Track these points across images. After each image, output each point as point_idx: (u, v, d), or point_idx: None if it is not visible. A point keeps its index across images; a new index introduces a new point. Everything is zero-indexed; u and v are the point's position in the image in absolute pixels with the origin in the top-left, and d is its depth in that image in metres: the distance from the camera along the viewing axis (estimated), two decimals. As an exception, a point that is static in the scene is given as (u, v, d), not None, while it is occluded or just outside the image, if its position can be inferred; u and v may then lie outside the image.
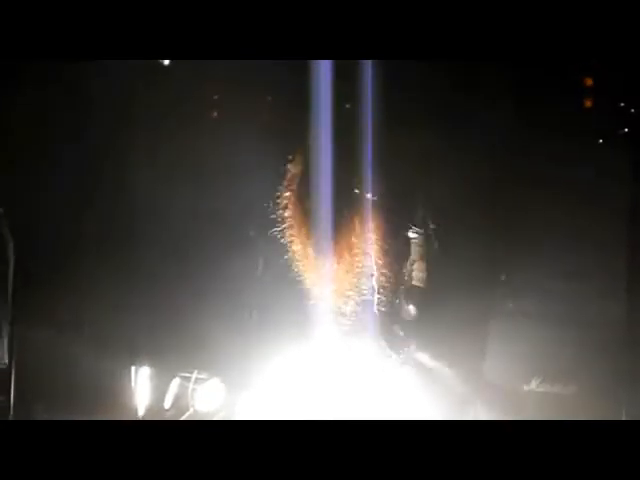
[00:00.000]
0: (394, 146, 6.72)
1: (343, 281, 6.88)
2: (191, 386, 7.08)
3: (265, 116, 6.88)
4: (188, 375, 7.09)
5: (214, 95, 7.01)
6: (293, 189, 6.87)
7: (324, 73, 6.58)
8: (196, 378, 7.07)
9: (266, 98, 6.94)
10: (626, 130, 6.94)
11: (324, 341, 6.88)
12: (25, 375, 6.78)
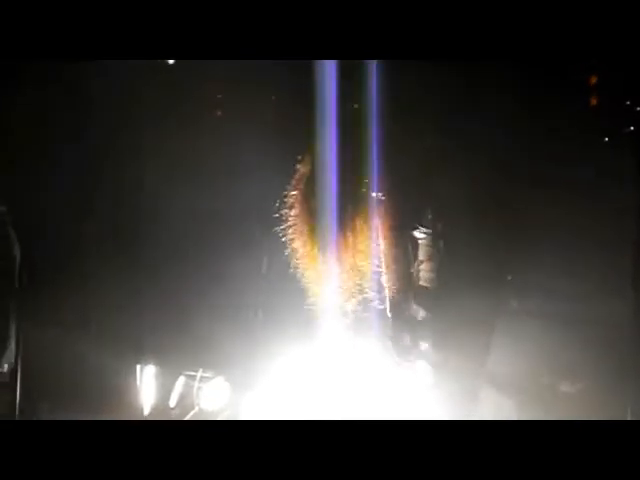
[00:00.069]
0: (400, 146, 6.72)
1: (349, 281, 6.88)
2: (196, 385, 7.09)
3: (269, 116, 6.88)
4: (193, 374, 7.10)
5: (217, 95, 7.01)
6: (300, 188, 6.87)
7: (329, 73, 6.57)
8: (201, 377, 7.09)
9: (270, 98, 6.95)
10: (632, 128, 6.93)
11: (329, 341, 6.88)
12: (31, 374, 6.80)
